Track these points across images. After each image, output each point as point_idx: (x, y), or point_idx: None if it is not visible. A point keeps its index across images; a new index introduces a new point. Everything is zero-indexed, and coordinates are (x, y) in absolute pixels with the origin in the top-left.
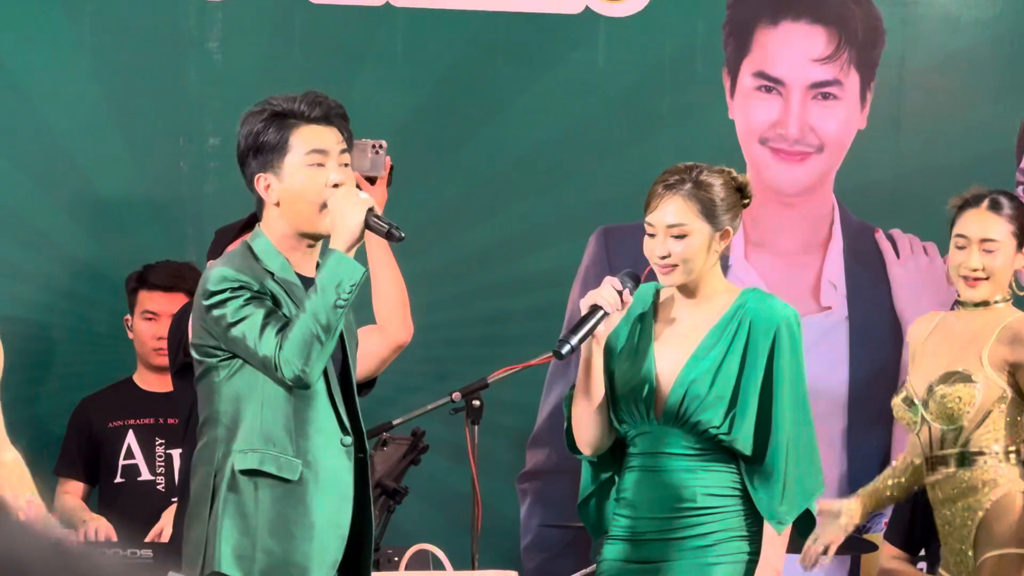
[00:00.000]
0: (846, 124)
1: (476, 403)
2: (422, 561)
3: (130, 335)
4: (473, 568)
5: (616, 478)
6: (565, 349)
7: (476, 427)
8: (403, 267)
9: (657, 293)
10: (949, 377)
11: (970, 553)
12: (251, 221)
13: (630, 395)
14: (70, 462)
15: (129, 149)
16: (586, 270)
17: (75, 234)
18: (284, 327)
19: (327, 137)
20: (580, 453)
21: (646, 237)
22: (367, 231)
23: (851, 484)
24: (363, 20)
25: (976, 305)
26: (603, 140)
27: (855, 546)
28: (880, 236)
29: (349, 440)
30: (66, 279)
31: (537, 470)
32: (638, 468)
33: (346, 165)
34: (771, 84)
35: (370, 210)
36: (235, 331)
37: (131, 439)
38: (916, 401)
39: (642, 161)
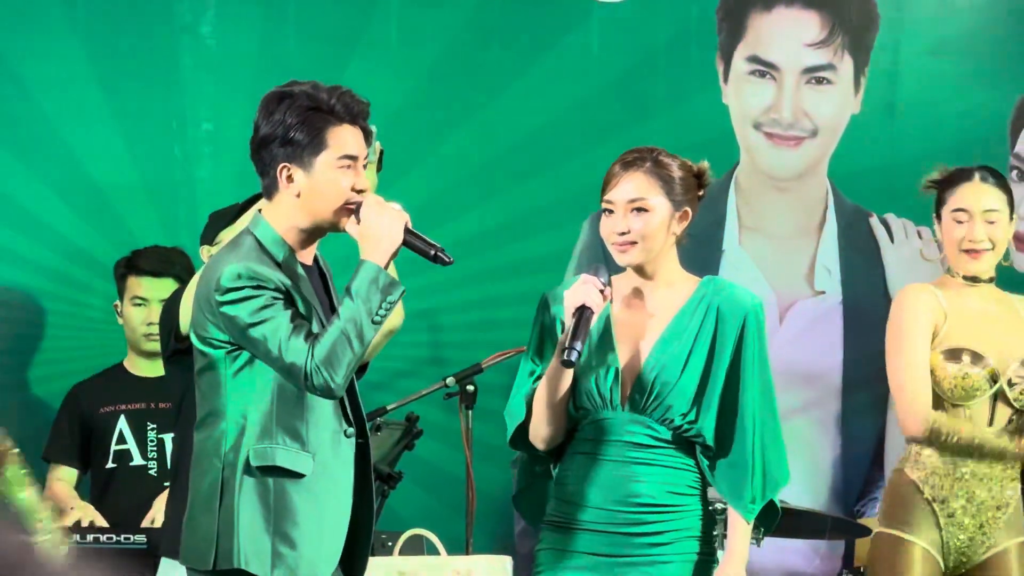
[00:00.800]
0: (840, 108)
1: (470, 388)
2: (416, 546)
3: (120, 321)
4: (467, 553)
5: (548, 470)
6: (574, 356)
7: (470, 412)
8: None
9: (610, 280)
10: None
11: (997, 530)
12: (246, 206)
13: (593, 382)
14: (61, 447)
15: (122, 134)
16: (580, 255)
17: (68, 219)
18: (310, 333)
19: (359, 141)
20: (526, 448)
21: (603, 217)
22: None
23: (845, 467)
24: (357, 4)
25: (978, 281)
26: (597, 125)
27: (849, 530)
28: (874, 221)
29: (352, 430)
30: (59, 264)
31: None
32: (589, 455)
33: (364, 167)
34: (765, 69)
35: (405, 225)
36: (255, 332)
37: (123, 424)
38: (1000, 376)
39: (636, 146)
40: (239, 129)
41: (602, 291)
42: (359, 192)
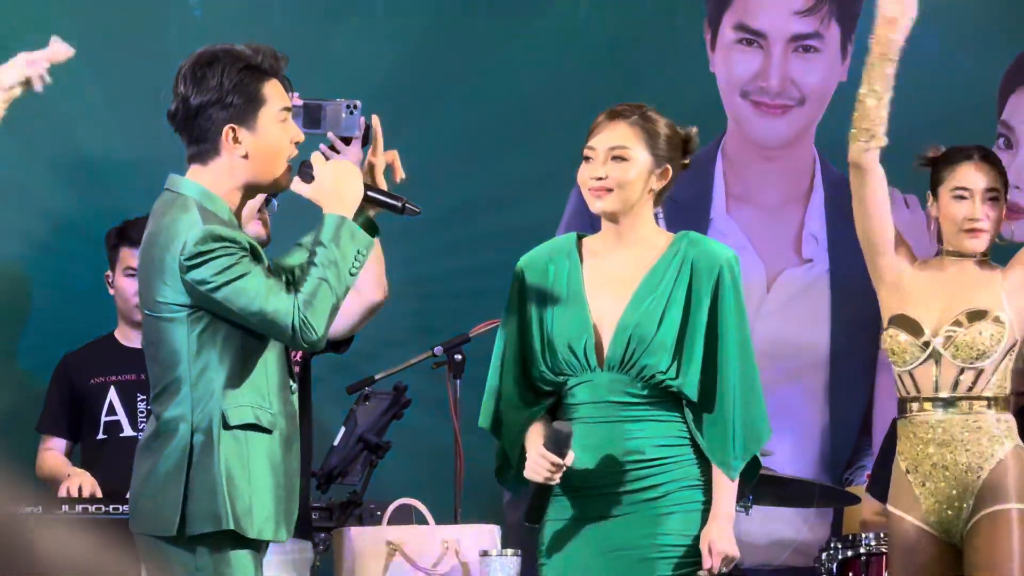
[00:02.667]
0: (827, 77)
1: (458, 357)
2: (405, 515)
3: (111, 291)
4: (456, 522)
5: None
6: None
7: (458, 381)
8: (384, 221)
9: (580, 241)
10: (977, 316)
11: (970, 500)
12: None
13: (567, 345)
14: (52, 418)
15: (109, 105)
16: (568, 224)
17: (56, 189)
18: (288, 286)
19: (286, 93)
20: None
21: (583, 164)
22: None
23: (833, 436)
24: None
25: (963, 256)
26: (584, 93)
27: (838, 498)
28: None
29: (295, 386)
30: (47, 234)
31: None
32: (579, 419)
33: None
34: (752, 37)
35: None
36: (229, 290)
37: (113, 395)
38: (932, 339)
39: None
40: None
41: (558, 464)
42: (295, 144)
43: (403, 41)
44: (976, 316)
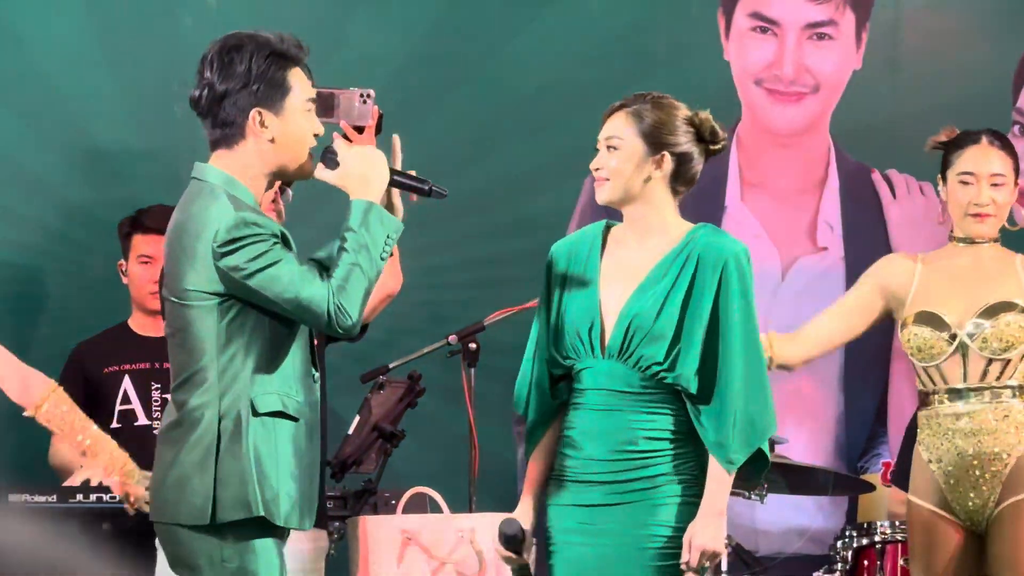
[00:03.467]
0: (841, 64)
1: (472, 346)
2: (419, 504)
3: (124, 280)
4: (470, 511)
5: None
6: None
7: (473, 370)
8: None
9: (607, 229)
10: (1003, 308)
11: (997, 489)
12: None
13: (574, 330)
14: None
15: (123, 94)
16: (581, 212)
17: (69, 179)
18: (321, 272)
19: (309, 82)
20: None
21: None
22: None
23: (848, 423)
24: None
25: (974, 243)
26: (598, 81)
27: (852, 486)
28: (876, 176)
29: (318, 375)
30: (60, 224)
31: None
32: (583, 405)
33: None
34: (766, 24)
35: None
36: (263, 276)
37: (127, 384)
38: (959, 331)
39: None
40: None
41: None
42: (316, 136)
43: (417, 29)
44: (1002, 308)
